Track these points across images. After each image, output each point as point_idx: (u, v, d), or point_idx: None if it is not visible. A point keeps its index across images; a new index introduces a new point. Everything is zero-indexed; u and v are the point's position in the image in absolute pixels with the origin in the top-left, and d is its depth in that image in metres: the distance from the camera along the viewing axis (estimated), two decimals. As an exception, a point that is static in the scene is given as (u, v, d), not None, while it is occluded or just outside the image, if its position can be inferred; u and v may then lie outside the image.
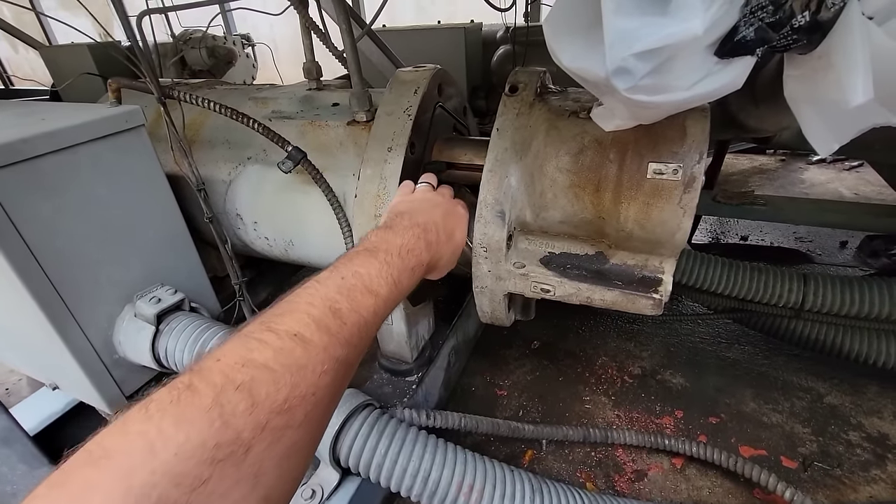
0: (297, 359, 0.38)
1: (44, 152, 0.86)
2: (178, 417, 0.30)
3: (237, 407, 0.32)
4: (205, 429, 0.30)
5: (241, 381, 0.34)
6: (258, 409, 0.33)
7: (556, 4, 0.64)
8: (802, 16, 0.58)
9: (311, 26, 1.23)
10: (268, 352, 0.37)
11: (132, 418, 0.31)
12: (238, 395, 0.33)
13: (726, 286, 1.47)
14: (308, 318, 0.42)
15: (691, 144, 0.69)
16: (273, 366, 0.36)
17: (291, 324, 0.41)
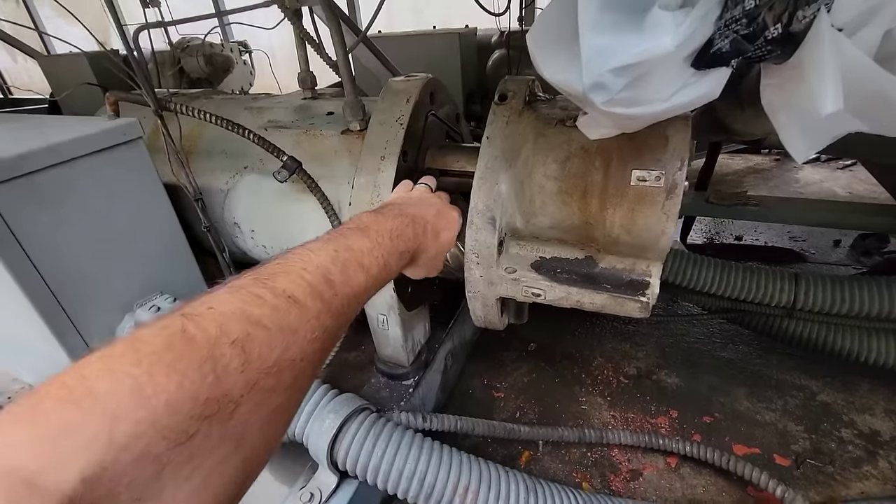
0: (290, 321, 0.37)
1: (43, 166, 0.88)
2: (171, 365, 0.28)
3: (231, 363, 0.31)
4: (197, 381, 0.28)
5: (236, 335, 0.32)
6: (250, 367, 0.32)
7: (539, 18, 0.66)
8: (775, 28, 0.60)
9: (305, 37, 1.25)
10: (264, 308, 0.36)
11: (120, 357, 0.28)
12: (232, 350, 0.32)
13: (719, 286, 1.49)
14: (303, 281, 0.41)
15: (673, 152, 0.71)
16: (268, 324, 0.35)
17: (287, 284, 0.39)
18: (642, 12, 0.54)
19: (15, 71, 8.58)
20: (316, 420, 0.95)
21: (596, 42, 0.49)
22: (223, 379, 0.30)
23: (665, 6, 0.52)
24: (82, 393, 0.26)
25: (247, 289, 0.37)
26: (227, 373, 0.30)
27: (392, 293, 1.09)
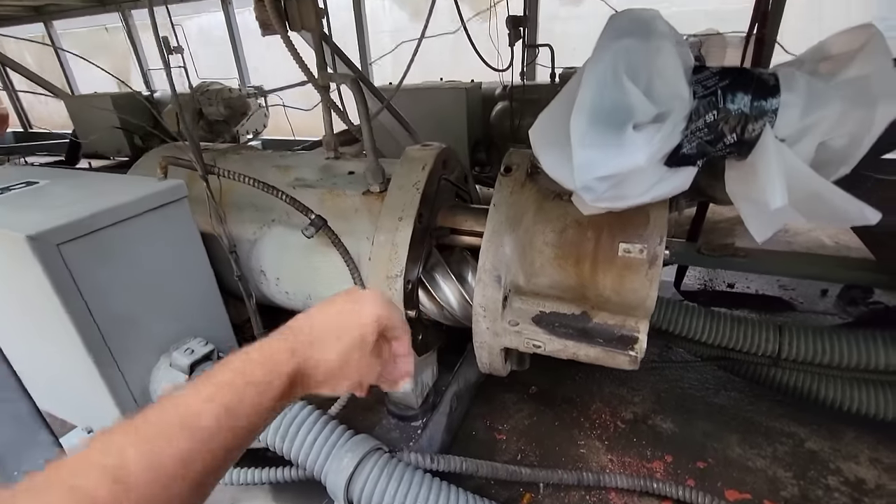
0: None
1: (106, 224, 1.01)
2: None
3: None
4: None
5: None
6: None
7: (539, 119, 0.80)
8: (731, 136, 0.74)
9: (331, 107, 1.41)
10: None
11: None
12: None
13: (710, 335, 1.58)
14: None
15: (653, 229, 0.83)
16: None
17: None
18: (621, 127, 0.68)
19: (37, 106, 8.96)
20: (334, 459, 1.03)
21: (583, 155, 0.62)
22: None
23: (638, 125, 0.65)
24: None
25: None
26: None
27: (405, 340, 1.19)
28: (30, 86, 4.62)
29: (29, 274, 0.93)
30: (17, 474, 0.80)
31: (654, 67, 0.68)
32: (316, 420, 1.08)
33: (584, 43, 4.08)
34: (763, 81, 0.70)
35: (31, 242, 0.90)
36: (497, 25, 3.21)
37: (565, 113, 0.72)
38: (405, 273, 1.13)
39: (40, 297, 0.96)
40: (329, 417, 1.11)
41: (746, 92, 0.71)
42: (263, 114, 4.48)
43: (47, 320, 0.99)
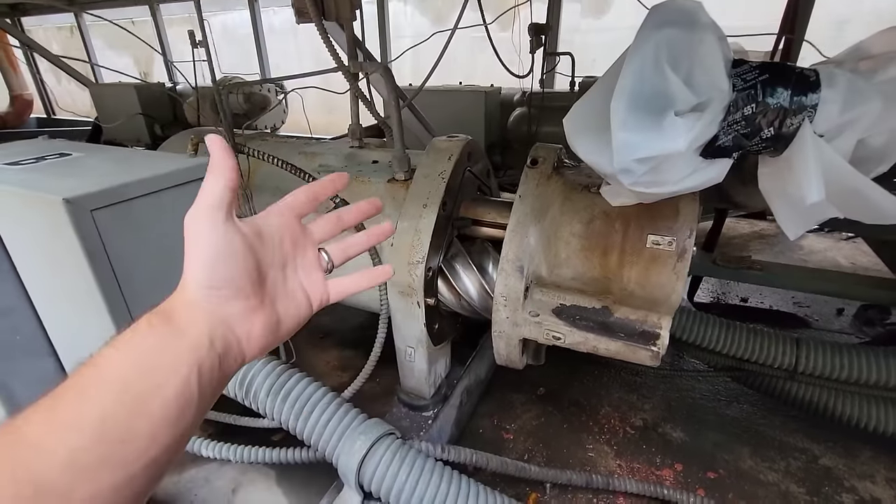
0: None
1: (138, 195, 1.02)
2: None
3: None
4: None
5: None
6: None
7: (574, 108, 0.81)
8: (769, 130, 0.74)
9: (359, 96, 1.43)
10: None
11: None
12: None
13: (724, 345, 1.57)
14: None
15: (683, 222, 0.83)
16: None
17: None
18: (660, 114, 0.68)
19: (59, 92, 9.13)
20: (347, 441, 1.03)
21: (624, 137, 0.63)
22: None
23: (679, 112, 0.66)
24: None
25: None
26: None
27: (422, 327, 1.20)
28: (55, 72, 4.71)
29: (62, 238, 0.95)
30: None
31: (696, 58, 0.69)
32: (330, 401, 1.08)
33: (604, 54, 4.11)
34: (804, 77, 0.71)
35: (66, 206, 0.91)
36: (519, 31, 3.24)
37: (603, 100, 0.73)
38: (426, 260, 1.13)
39: (71, 262, 0.97)
40: (343, 399, 1.11)
41: (786, 87, 0.71)
42: (283, 109, 4.54)
43: (76, 285, 1.01)
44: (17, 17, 6.04)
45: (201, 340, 0.39)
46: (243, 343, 0.43)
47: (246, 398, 1.10)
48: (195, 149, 1.21)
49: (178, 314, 0.40)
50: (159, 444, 0.35)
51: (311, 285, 0.49)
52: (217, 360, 0.40)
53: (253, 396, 1.09)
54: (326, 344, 2.09)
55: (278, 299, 0.46)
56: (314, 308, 0.49)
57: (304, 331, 0.95)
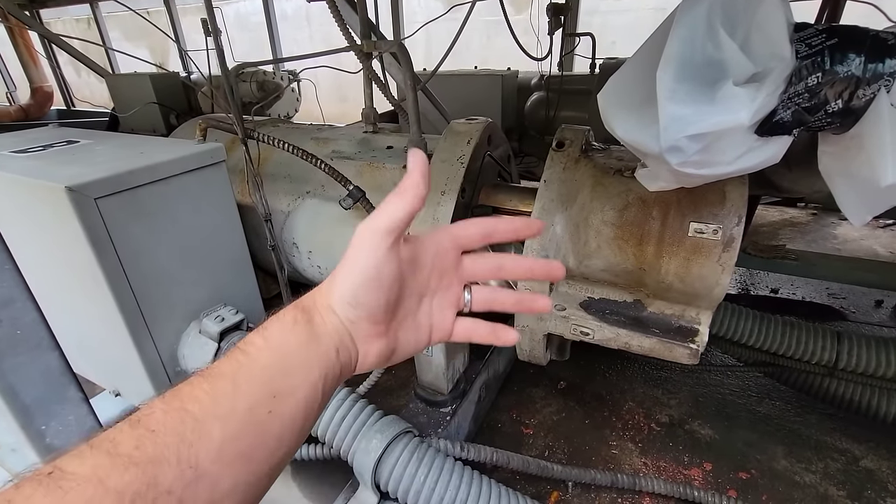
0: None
1: (143, 182, 0.98)
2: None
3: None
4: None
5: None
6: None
7: (610, 82, 0.73)
8: (836, 103, 0.65)
9: (373, 77, 1.36)
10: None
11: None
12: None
13: (757, 339, 1.48)
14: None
15: (731, 208, 0.75)
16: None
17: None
18: (714, 85, 0.60)
19: (77, 84, 9.24)
20: (363, 439, 0.99)
21: (673, 111, 0.55)
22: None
23: (737, 82, 0.57)
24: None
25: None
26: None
27: (440, 321, 1.14)
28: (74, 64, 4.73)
29: (66, 227, 0.91)
30: (44, 428, 0.78)
31: (755, 20, 0.60)
32: (345, 397, 1.04)
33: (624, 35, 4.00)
34: (880, 41, 0.62)
35: (69, 194, 0.87)
36: (538, 12, 3.11)
37: (644, 72, 0.65)
38: (445, 250, 1.07)
39: (76, 252, 0.94)
40: (358, 396, 1.07)
41: (859, 52, 0.62)
42: (296, 98, 4.50)
43: (81, 276, 0.98)
44: (36, 9, 6.08)
45: (331, 349, 0.39)
46: (358, 361, 0.42)
47: (258, 393, 1.06)
48: (203, 135, 1.16)
49: (318, 318, 0.39)
50: (284, 448, 0.35)
51: (439, 321, 0.46)
52: (339, 372, 0.39)
53: (265, 391, 1.05)
54: (341, 335, 2.06)
55: (403, 328, 0.44)
56: (432, 342, 0.47)
57: None
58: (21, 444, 0.81)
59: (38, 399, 0.78)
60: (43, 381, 0.76)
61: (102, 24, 6.61)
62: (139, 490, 0.28)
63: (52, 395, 0.80)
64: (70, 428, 0.81)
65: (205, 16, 1.16)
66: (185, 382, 0.34)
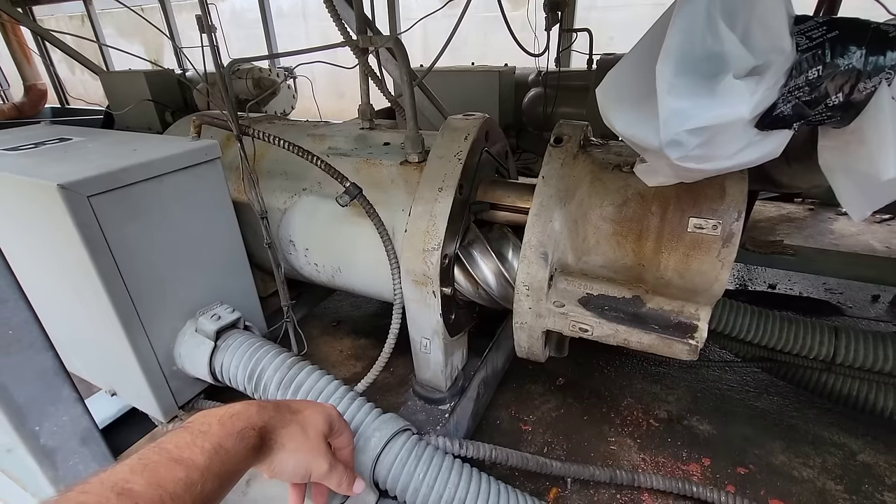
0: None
1: (137, 180, 0.97)
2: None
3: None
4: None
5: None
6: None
7: (609, 76, 0.72)
8: (836, 96, 0.65)
9: (369, 73, 1.35)
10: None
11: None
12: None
13: (755, 334, 1.48)
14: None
15: (730, 203, 0.75)
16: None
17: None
18: (713, 78, 0.60)
19: (71, 82, 9.16)
20: (360, 437, 0.98)
21: (673, 105, 0.54)
22: None
23: (737, 75, 0.57)
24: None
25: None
26: None
27: (438, 318, 1.14)
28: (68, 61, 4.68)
29: (59, 226, 0.90)
30: (38, 429, 0.77)
31: (755, 12, 0.60)
32: (343, 395, 1.03)
33: (621, 31, 3.98)
34: (881, 33, 0.61)
35: (62, 192, 0.86)
36: (535, 8, 3.10)
37: (643, 66, 0.64)
38: (442, 247, 1.07)
39: (70, 252, 0.93)
40: (356, 394, 1.06)
41: (860, 45, 0.61)
42: (292, 95, 4.47)
43: (75, 276, 0.97)
44: (29, 5, 6.01)
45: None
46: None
47: (255, 392, 1.05)
48: (197, 131, 1.15)
49: (267, 445, 0.67)
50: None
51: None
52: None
53: (263, 389, 1.05)
54: (340, 332, 2.05)
55: None
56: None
57: (317, 318, 0.93)
58: (16, 444, 0.80)
59: (31, 399, 0.77)
60: (36, 381, 0.75)
61: (96, 20, 6.56)
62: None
63: (45, 395, 0.80)
64: (65, 428, 0.81)
65: (199, 12, 1.15)
66: (161, 462, 0.49)
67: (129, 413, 1.34)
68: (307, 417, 0.68)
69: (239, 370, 1.05)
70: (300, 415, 0.67)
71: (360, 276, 1.30)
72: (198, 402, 1.20)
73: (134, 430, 1.36)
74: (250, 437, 0.58)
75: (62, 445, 0.82)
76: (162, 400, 1.11)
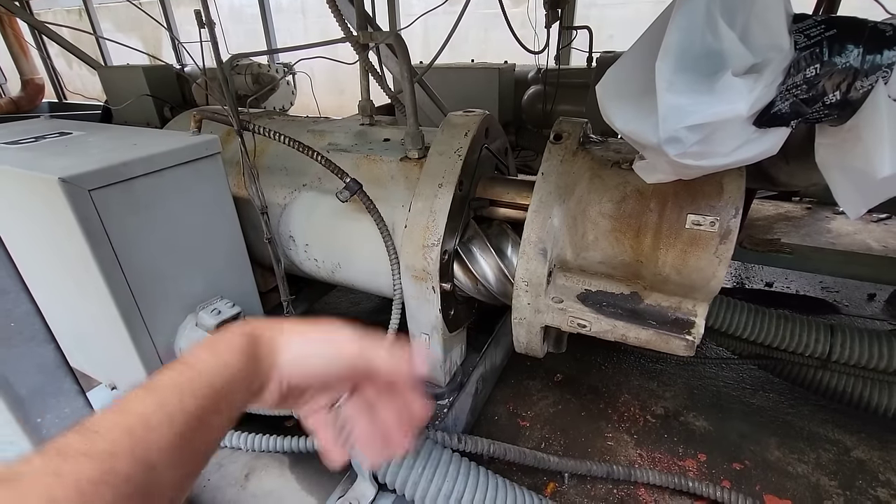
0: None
1: (139, 174, 0.97)
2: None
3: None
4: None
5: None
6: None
7: (608, 73, 0.72)
8: (833, 94, 0.65)
9: (369, 69, 1.35)
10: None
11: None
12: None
13: (752, 332, 1.49)
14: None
15: (728, 200, 0.76)
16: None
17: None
18: (712, 75, 0.60)
19: (69, 76, 9.11)
20: (360, 431, 0.99)
21: (672, 101, 0.55)
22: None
23: (736, 73, 0.57)
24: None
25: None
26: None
27: (438, 314, 1.14)
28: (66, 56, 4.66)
29: (60, 219, 0.90)
30: (40, 421, 0.78)
31: (754, 10, 0.60)
32: (343, 390, 1.04)
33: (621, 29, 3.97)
34: (878, 32, 0.62)
35: (63, 186, 0.86)
36: (535, 5, 3.09)
37: (643, 63, 0.65)
38: (442, 243, 1.07)
39: (70, 245, 0.93)
40: (356, 388, 1.07)
41: (857, 43, 0.62)
42: (291, 91, 4.46)
43: (76, 269, 0.97)
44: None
45: (257, 385, 0.45)
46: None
47: (256, 386, 1.06)
48: (198, 126, 1.15)
49: (262, 353, 0.46)
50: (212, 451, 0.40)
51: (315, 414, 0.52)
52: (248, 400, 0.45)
53: (263, 384, 1.05)
54: (339, 328, 2.06)
55: (298, 404, 0.50)
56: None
57: (317, 313, 0.88)
58: (18, 436, 0.81)
59: (33, 391, 0.78)
60: (38, 373, 0.75)
61: (94, 14, 6.51)
62: (96, 477, 0.29)
63: (47, 387, 0.80)
64: (66, 420, 0.81)
65: (198, 7, 1.14)
66: (129, 395, 0.36)
67: (129, 407, 1.34)
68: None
69: (239, 364, 1.06)
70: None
71: (360, 272, 1.31)
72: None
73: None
74: (238, 343, 0.43)
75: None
76: (162, 394, 1.11)
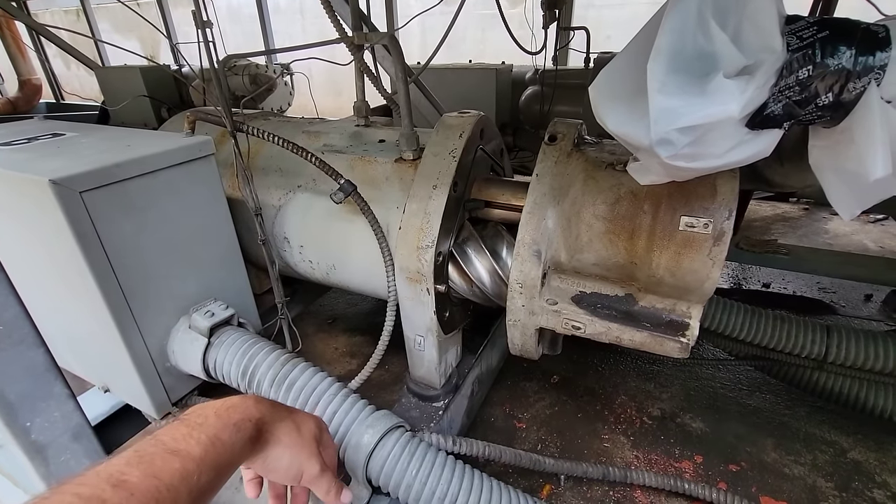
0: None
1: (132, 176, 0.97)
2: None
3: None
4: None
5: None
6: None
7: (601, 74, 0.72)
8: (826, 96, 0.65)
9: (365, 70, 1.35)
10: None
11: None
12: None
13: (748, 333, 1.48)
14: (76, 499, 0.40)
15: (721, 202, 0.75)
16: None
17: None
18: (704, 77, 0.60)
19: (66, 77, 9.09)
20: (354, 434, 0.98)
21: (663, 103, 0.55)
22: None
23: (727, 74, 0.57)
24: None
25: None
26: None
27: (432, 315, 1.14)
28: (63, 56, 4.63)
29: (51, 221, 0.90)
30: (29, 425, 0.77)
31: (746, 12, 0.60)
32: (336, 392, 1.03)
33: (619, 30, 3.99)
34: (871, 33, 0.61)
35: (53, 188, 0.86)
36: (533, 6, 3.10)
37: (636, 64, 0.65)
38: (436, 244, 1.07)
39: (62, 247, 0.92)
40: (350, 391, 1.06)
41: (850, 45, 0.62)
42: (289, 92, 4.45)
43: (68, 272, 0.96)
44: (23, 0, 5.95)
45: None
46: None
47: (249, 388, 1.05)
48: (192, 127, 1.15)
49: (263, 437, 0.66)
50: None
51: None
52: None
53: (256, 386, 1.05)
54: (335, 329, 2.05)
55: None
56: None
57: (312, 315, 0.94)
58: (7, 440, 0.80)
59: (22, 395, 0.77)
60: (27, 376, 0.75)
61: (91, 15, 6.51)
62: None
63: (36, 391, 0.79)
64: (56, 424, 0.80)
65: (196, 8, 1.14)
66: (157, 454, 0.48)
67: (123, 410, 1.34)
68: (302, 418, 0.68)
69: (232, 367, 1.05)
70: (295, 414, 0.68)
71: (355, 274, 1.31)
72: (191, 398, 1.20)
73: (127, 427, 1.36)
74: (247, 429, 0.58)
75: (53, 441, 0.82)
76: (155, 396, 1.11)
